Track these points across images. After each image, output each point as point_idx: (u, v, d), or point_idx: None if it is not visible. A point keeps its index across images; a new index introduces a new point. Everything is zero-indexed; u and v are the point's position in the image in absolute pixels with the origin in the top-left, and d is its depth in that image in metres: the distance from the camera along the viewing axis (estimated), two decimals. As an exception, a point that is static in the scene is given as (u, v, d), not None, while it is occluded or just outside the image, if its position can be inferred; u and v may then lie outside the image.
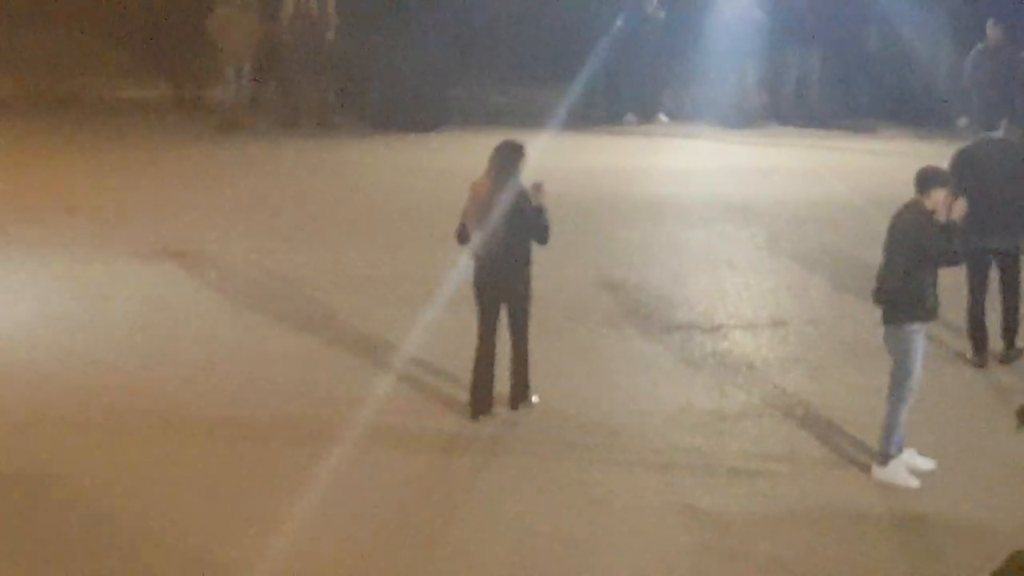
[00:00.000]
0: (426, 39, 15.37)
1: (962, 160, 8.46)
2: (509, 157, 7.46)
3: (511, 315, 7.53)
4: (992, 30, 13.67)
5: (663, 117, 15.93)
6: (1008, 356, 8.44)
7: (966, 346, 8.55)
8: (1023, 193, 8.34)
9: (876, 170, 13.55)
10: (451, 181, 9.83)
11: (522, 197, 7.42)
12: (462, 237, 7.48)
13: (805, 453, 7.28)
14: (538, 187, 7.43)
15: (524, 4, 16.47)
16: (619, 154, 14.67)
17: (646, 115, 15.86)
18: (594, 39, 15.41)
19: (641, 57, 15.73)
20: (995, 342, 8.55)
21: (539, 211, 7.37)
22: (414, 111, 15.29)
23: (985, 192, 8.06)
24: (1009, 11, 14.16)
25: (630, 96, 16.01)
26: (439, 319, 8.78)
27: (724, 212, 12.08)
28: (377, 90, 15.61)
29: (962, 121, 14.77)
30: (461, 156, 12.73)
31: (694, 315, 9.39)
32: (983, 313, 8.48)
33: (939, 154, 13.51)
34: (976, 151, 8.55)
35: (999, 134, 8.97)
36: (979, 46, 13.82)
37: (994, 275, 8.49)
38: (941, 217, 6.85)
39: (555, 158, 13.46)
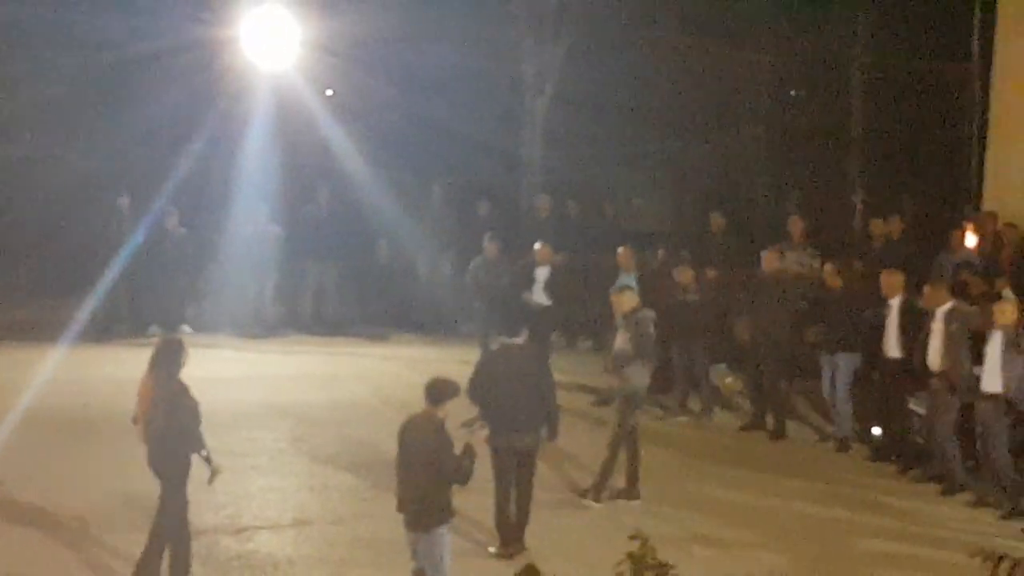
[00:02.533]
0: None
1: (486, 367, 9.29)
2: (168, 354, 8.23)
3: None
4: (489, 244, 14.60)
5: (187, 328, 15.87)
6: (511, 552, 9.01)
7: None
8: (539, 394, 9.15)
9: (389, 373, 14.46)
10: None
11: (181, 393, 8.14)
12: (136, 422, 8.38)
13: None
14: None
15: (43, 219, 16.42)
16: (142, 365, 14.29)
17: (170, 326, 15.71)
18: (116, 253, 15.36)
19: (163, 270, 15.85)
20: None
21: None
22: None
23: (508, 395, 8.87)
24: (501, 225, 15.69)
25: (153, 308, 16.03)
26: None
27: (249, 417, 12.27)
28: None
29: (468, 324, 15.87)
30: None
31: (220, 518, 9.48)
32: (509, 506, 9.15)
33: (445, 357, 15.10)
34: (498, 358, 9.38)
35: (520, 341, 9.59)
36: (477, 259, 14.71)
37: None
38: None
39: (76, 370, 13.64)
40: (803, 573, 9.28)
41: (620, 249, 13.60)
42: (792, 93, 21.08)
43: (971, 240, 14.46)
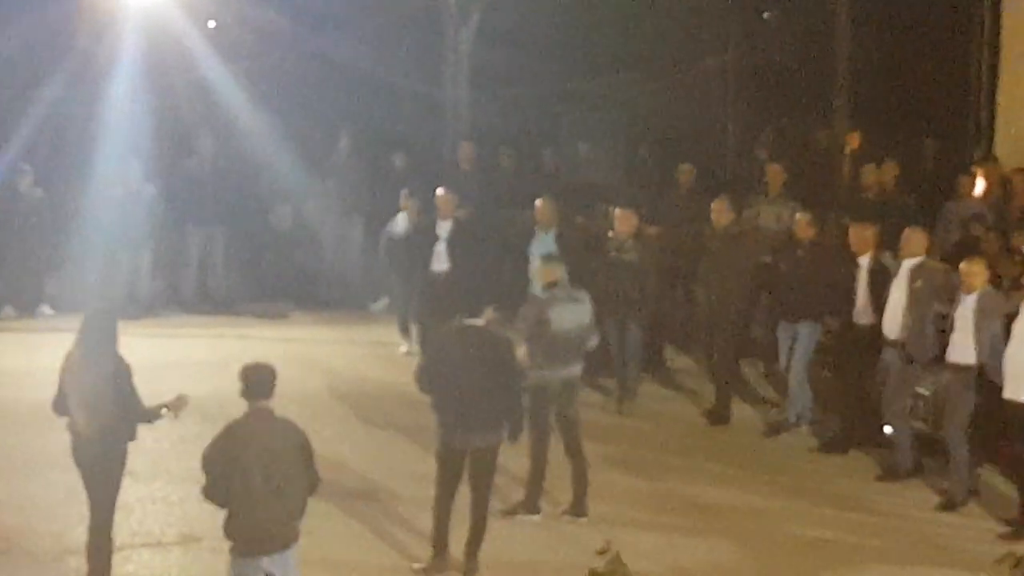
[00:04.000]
0: None
1: (440, 352, 9.89)
2: (96, 325, 9.02)
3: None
4: (407, 203, 15.74)
5: (46, 309, 16.81)
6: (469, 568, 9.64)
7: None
8: (503, 386, 9.72)
9: (291, 358, 14.88)
10: None
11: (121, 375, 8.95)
12: (58, 407, 9.11)
13: None
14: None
15: None
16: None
17: (26, 306, 16.78)
18: None
19: (16, 240, 16.76)
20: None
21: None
22: None
23: (467, 387, 9.49)
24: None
25: (5, 286, 16.87)
26: None
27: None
28: None
29: (380, 302, 17.29)
30: None
31: (92, 535, 9.94)
32: (449, 515, 9.77)
33: (355, 339, 16.56)
34: (455, 342, 9.82)
35: (480, 321, 10.06)
36: (393, 222, 15.83)
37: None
38: None
39: None
40: (748, 563, 10.37)
41: (538, 202, 14.48)
42: (765, 16, 21.87)
43: (979, 187, 15.49)
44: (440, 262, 15.21)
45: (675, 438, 13.55)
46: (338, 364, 15.93)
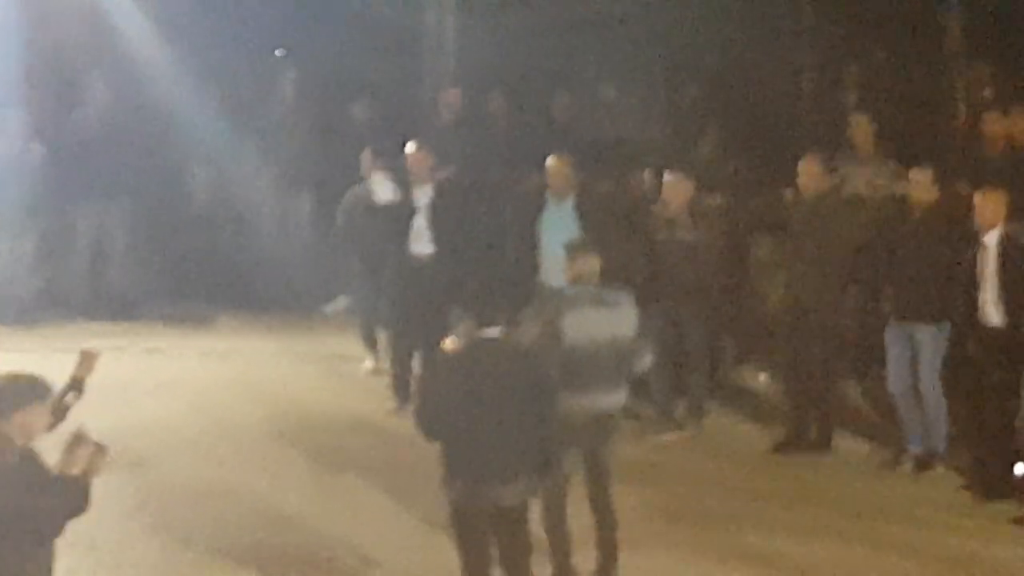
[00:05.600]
0: None
1: (441, 378, 10.06)
2: None
3: None
4: (371, 167, 16.10)
5: None
6: None
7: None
8: (533, 419, 9.88)
9: (217, 379, 16.06)
10: None
11: None
12: None
13: None
14: None
15: None
16: None
17: None
18: None
19: None
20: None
21: None
22: None
23: (481, 423, 9.61)
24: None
25: None
26: None
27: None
28: None
29: (337, 302, 17.97)
30: None
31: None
32: None
33: (305, 353, 17.25)
34: (461, 363, 9.98)
35: (495, 333, 10.19)
36: (352, 192, 16.14)
37: None
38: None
39: None
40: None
41: (550, 160, 14.86)
42: None
43: None
44: (421, 242, 15.45)
45: (749, 479, 13.83)
46: (281, 387, 16.53)
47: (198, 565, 11.97)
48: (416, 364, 16.15)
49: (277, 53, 20.89)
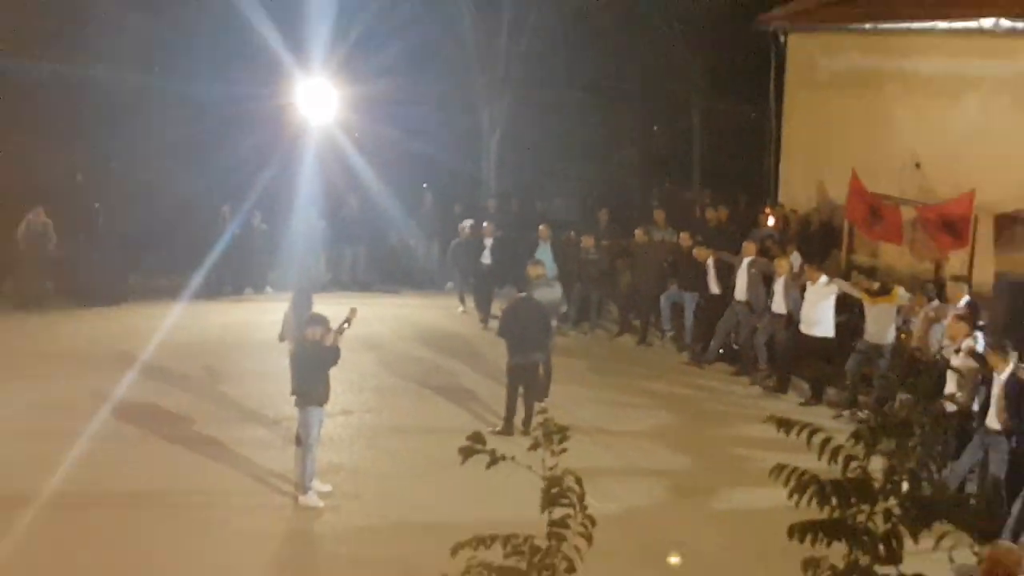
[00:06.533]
0: (112, 241, 28.73)
1: (510, 312, 17.53)
2: (299, 297, 16.28)
3: None
4: (463, 230, 26.84)
5: (269, 288, 29.71)
6: (527, 427, 16.97)
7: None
8: (544, 328, 17.23)
9: (399, 317, 26.36)
10: (139, 336, 22.36)
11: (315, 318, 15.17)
12: (281, 337, 16.86)
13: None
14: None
15: (172, 219, 29.81)
16: (240, 313, 26.80)
17: (259, 288, 29.85)
18: (220, 241, 28.31)
19: (251, 251, 29.37)
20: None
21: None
22: (106, 291, 28.08)
23: (526, 328, 16.78)
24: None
25: (246, 276, 29.58)
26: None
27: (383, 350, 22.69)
28: (80, 277, 28.98)
29: (448, 285, 28.92)
30: (145, 321, 24.92)
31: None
32: (515, 404, 17.39)
33: (430, 304, 29.43)
34: (517, 306, 17.22)
35: (525, 295, 16.85)
36: (455, 241, 26.83)
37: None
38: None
39: (195, 318, 25.63)
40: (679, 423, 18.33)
41: (540, 227, 25.28)
42: (655, 128, 34.66)
43: (771, 221, 25.81)
44: (485, 260, 26.26)
45: (604, 350, 23.27)
46: (424, 319, 26.56)
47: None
48: (491, 309, 24.93)
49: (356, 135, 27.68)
